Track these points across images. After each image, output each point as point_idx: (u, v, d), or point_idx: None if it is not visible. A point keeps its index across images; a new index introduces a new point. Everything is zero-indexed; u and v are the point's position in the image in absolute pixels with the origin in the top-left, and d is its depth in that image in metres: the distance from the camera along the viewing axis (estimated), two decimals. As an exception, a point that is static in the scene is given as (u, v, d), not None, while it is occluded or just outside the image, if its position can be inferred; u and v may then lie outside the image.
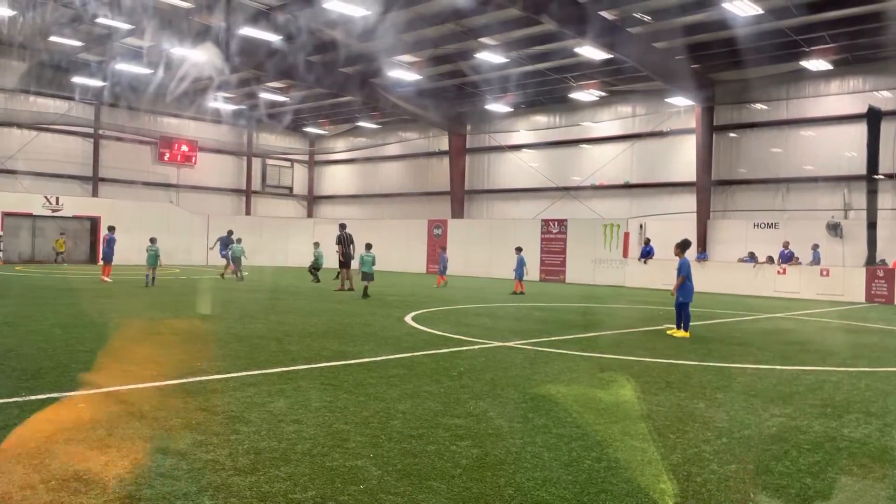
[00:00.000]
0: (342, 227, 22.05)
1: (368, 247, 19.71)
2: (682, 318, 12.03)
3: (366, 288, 18.83)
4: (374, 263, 19.25)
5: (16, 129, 34.35)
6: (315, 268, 26.54)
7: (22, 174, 34.53)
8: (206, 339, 10.27)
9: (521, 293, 21.97)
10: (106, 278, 22.30)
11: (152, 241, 22.30)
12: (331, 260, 28.73)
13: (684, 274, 12.06)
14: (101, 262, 23.78)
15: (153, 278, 21.25)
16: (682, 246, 12.29)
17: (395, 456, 4.81)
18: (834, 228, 25.76)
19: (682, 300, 12.04)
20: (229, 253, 26.17)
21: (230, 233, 27.46)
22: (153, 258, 21.65)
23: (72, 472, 4.26)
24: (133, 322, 11.97)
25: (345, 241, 21.39)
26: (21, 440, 4.88)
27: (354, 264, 20.89)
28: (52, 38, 28.24)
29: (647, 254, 28.47)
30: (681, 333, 11.92)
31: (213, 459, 4.60)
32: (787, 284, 24.30)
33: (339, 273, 25.53)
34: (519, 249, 23.50)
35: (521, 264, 22.80)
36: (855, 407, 6.78)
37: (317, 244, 28.20)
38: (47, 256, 34.28)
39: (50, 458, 4.52)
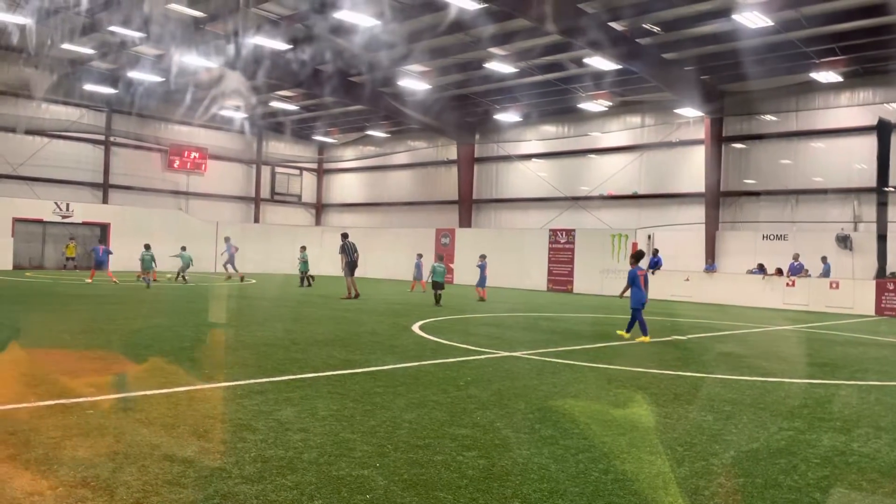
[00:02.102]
0: (344, 236, 22.41)
1: (440, 258, 21.31)
2: (638, 322, 12.73)
3: (439, 296, 20.00)
4: (445, 273, 20.78)
5: (27, 135, 34.63)
6: (303, 272, 27.04)
7: (33, 180, 34.81)
8: (213, 347, 10.30)
9: (483, 300, 22.37)
10: (89, 280, 24.67)
11: (146, 247, 24.29)
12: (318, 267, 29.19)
13: (630, 281, 12.88)
14: (92, 268, 26.28)
15: (150, 281, 23.35)
16: (636, 256, 13.13)
17: (402, 466, 4.80)
18: (843, 241, 25.63)
19: (634, 306, 12.76)
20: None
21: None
22: (149, 263, 23.86)
23: (79, 479, 4.27)
24: (141, 329, 12.01)
25: (348, 250, 21.76)
26: (29, 446, 4.90)
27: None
28: (65, 46, 28.49)
29: (655, 265, 28.39)
30: (626, 336, 12.81)
31: (220, 467, 4.61)
32: (796, 297, 24.17)
33: (310, 278, 26.23)
34: (483, 257, 23.75)
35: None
36: (864, 421, 6.73)
37: (303, 248, 28.32)
38: (57, 262, 34.44)
39: (58, 464, 4.54)
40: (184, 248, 27.21)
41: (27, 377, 7.25)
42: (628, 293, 12.96)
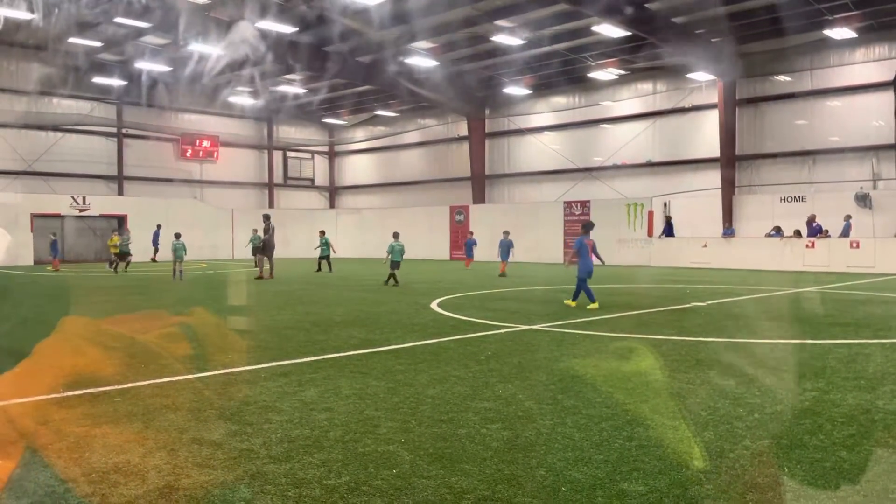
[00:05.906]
0: (266, 217, 23.18)
1: (396, 235, 20.33)
2: (583, 291, 13.14)
3: (392, 276, 19.00)
4: (403, 252, 19.73)
5: (40, 131, 34.84)
6: (323, 257, 26.34)
7: (49, 175, 35.09)
8: (236, 331, 10.39)
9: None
10: None
11: (177, 236, 22.97)
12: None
13: (576, 249, 13.41)
14: None
15: (181, 272, 21.81)
16: (586, 227, 13.77)
17: (427, 440, 4.85)
18: (863, 199, 25.30)
19: (580, 276, 13.24)
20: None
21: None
22: (180, 252, 22.19)
23: (111, 465, 4.35)
24: (165, 316, 12.13)
25: (270, 232, 22.72)
26: (61, 435, 4.99)
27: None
28: (73, 40, 28.54)
29: (666, 232, 28.32)
30: (573, 305, 13.10)
31: (248, 448, 4.67)
32: (816, 258, 23.94)
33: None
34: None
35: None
36: (889, 379, 6.69)
37: (322, 232, 27.60)
38: (77, 255, 34.74)
39: (90, 451, 4.63)
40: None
41: (58, 369, 7.37)
42: (575, 262, 13.38)
